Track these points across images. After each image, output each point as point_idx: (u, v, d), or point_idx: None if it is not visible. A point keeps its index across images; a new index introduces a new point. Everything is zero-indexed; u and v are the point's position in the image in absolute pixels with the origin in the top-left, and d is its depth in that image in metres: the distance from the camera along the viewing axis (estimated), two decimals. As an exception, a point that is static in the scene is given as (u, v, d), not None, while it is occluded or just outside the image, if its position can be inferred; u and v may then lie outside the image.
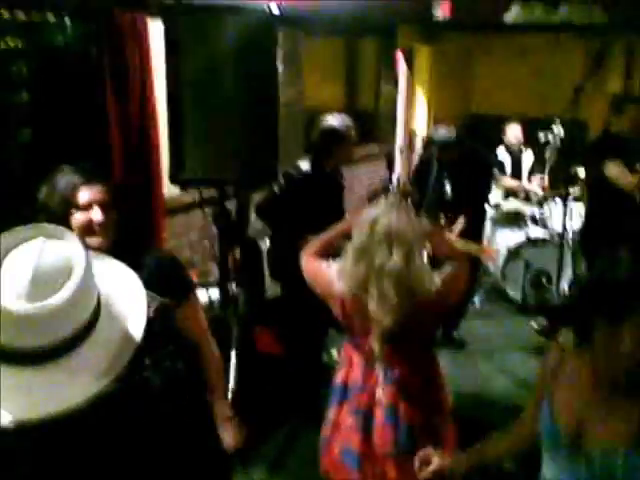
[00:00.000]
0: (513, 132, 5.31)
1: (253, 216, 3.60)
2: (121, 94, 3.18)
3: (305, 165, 3.45)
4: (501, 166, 5.22)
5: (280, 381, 3.24)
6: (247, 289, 3.16)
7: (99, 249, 1.55)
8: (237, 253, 3.31)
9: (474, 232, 4.16)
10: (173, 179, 2.69)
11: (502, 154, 5.29)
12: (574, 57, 6.76)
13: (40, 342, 0.99)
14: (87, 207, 1.69)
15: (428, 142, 4.99)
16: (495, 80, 7.28)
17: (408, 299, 1.93)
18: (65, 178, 1.71)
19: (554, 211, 4.91)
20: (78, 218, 1.68)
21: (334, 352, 3.65)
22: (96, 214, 1.69)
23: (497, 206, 5.10)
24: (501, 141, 5.34)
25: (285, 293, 3.54)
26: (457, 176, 4.30)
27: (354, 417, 2.04)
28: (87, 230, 1.67)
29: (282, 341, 3.40)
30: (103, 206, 1.70)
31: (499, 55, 7.25)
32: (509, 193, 5.30)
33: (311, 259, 2.21)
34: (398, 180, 4.47)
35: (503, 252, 4.80)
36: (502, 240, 4.93)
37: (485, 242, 4.70)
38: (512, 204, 5.14)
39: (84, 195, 1.69)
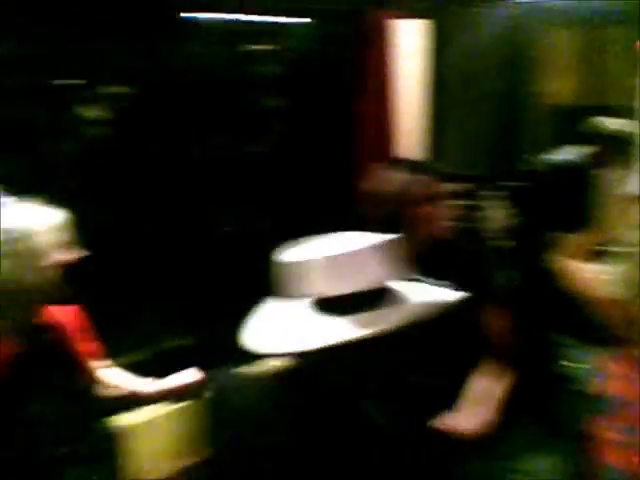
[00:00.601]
0: None
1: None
2: (367, 94, 3.29)
3: (557, 157, 3.30)
4: None
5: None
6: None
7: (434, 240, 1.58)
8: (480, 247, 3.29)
9: None
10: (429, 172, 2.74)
11: None
12: None
13: (344, 290, 1.10)
14: (425, 200, 1.74)
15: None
16: None
17: None
18: (401, 173, 1.79)
19: None
20: (418, 211, 1.72)
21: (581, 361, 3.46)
22: (434, 208, 1.73)
23: None
24: None
25: (523, 287, 3.41)
26: None
27: (628, 434, 1.90)
28: (425, 223, 1.71)
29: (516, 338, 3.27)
30: (439, 199, 1.77)
31: None
32: None
33: (572, 259, 2.10)
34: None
35: None
36: None
37: None
38: None
39: (425, 188, 1.75)
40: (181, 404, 2.44)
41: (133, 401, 1.95)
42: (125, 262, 3.18)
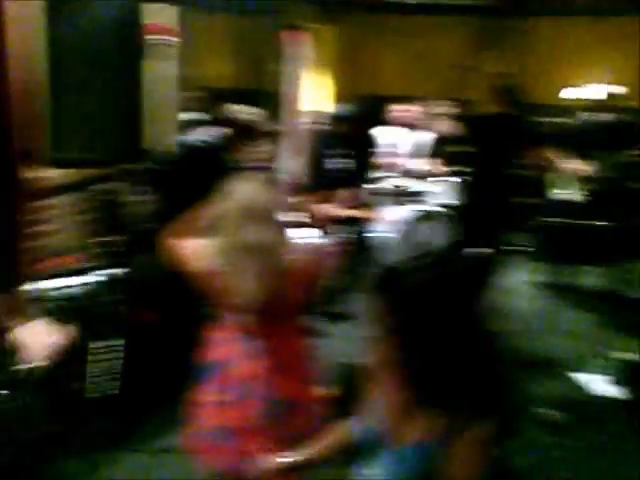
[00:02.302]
0: (403, 112, 5.46)
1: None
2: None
3: (189, 139, 3.45)
4: (385, 145, 5.35)
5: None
6: (131, 271, 3.12)
7: None
8: (117, 236, 3.26)
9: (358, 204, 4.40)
10: (51, 159, 2.66)
11: (390, 133, 5.43)
12: (462, 38, 7.05)
13: None
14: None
15: (324, 118, 5.11)
16: (391, 61, 7.46)
17: (275, 273, 1.98)
18: None
19: (440, 188, 5.12)
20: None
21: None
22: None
23: (384, 183, 5.24)
24: (390, 121, 5.49)
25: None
26: (346, 151, 4.46)
27: (225, 393, 2.07)
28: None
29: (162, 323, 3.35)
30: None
31: (394, 36, 7.42)
32: (404, 171, 5.46)
33: (177, 237, 2.20)
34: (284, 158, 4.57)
35: (389, 226, 4.93)
36: (387, 215, 5.03)
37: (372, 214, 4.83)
38: (400, 181, 5.29)
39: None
40: None
41: None
42: None
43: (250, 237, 1.96)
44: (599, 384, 3.95)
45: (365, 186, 4.79)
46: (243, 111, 3.53)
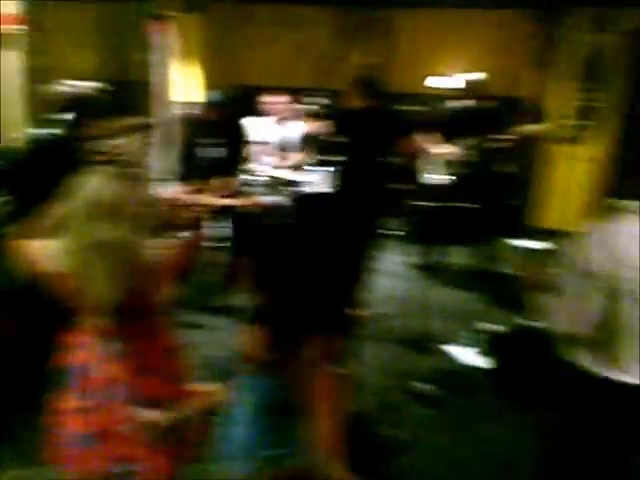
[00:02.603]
0: (273, 103, 5.45)
1: None
2: None
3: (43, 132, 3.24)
4: (257, 135, 5.32)
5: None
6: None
7: None
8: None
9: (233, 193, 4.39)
10: None
11: (261, 124, 5.40)
12: (333, 29, 7.16)
13: None
14: None
15: (194, 107, 5.03)
16: (260, 51, 7.43)
17: (130, 271, 1.90)
18: None
19: (313, 178, 5.19)
20: None
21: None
22: None
23: (257, 173, 5.22)
24: (262, 111, 5.46)
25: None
26: (217, 139, 4.43)
27: (87, 399, 1.98)
28: None
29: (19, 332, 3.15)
30: None
31: (264, 26, 7.39)
32: (276, 161, 5.45)
33: (25, 239, 2.07)
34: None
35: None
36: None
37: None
38: (273, 171, 5.28)
39: None
40: None
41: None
42: None
43: (98, 235, 1.87)
44: (469, 356, 4.19)
45: (239, 175, 4.76)
46: (78, 85, 3.34)
